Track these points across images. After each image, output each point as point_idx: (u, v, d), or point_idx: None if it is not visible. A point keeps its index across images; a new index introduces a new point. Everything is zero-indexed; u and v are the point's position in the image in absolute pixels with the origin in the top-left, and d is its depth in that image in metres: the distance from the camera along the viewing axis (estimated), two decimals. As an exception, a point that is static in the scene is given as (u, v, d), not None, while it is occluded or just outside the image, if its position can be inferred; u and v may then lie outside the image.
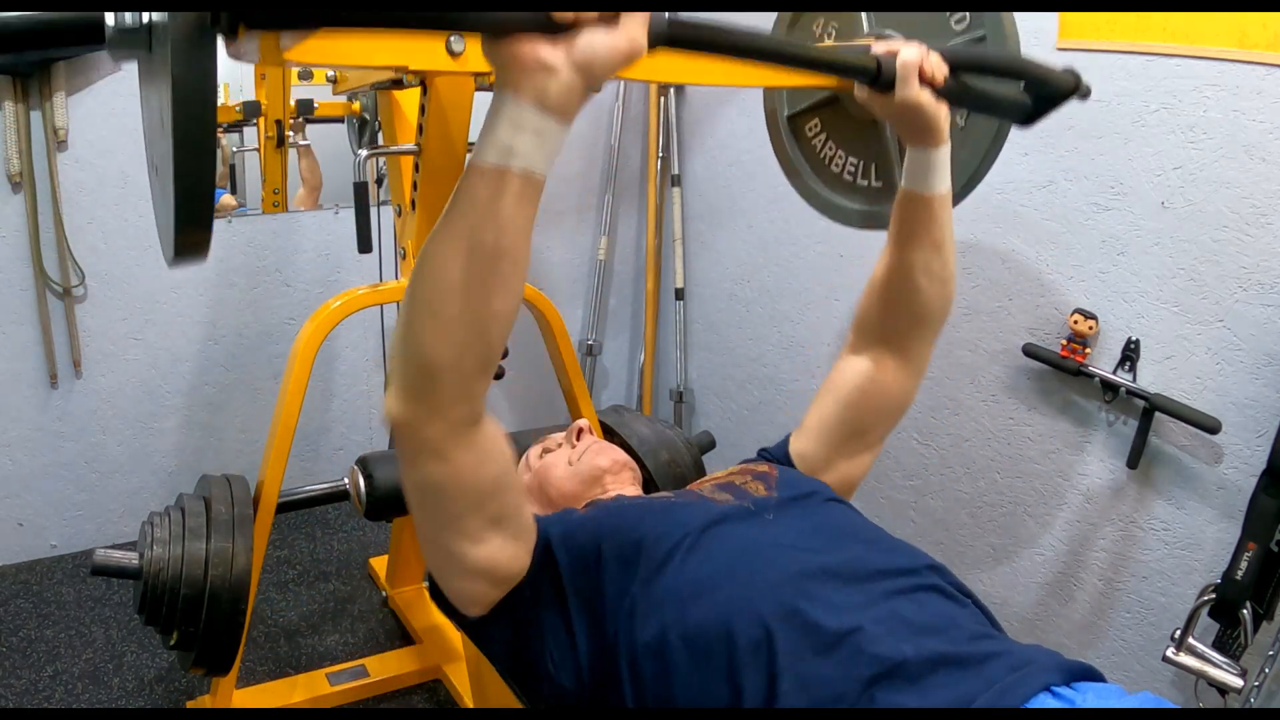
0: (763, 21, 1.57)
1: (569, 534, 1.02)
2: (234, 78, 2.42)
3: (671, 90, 2.79)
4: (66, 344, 2.36)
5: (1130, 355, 1.73)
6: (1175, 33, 1.60)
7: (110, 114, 2.23)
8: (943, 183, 1.11)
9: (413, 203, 1.65)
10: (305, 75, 1.80)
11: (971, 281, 1.98)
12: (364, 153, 1.68)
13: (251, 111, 2.26)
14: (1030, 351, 1.87)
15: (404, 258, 1.76)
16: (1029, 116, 1.16)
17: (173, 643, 1.51)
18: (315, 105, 2.21)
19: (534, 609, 0.99)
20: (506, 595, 0.97)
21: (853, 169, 1.46)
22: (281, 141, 2.14)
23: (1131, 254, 1.73)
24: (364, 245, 1.71)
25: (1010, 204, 1.89)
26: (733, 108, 2.61)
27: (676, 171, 2.84)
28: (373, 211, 1.73)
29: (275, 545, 2.57)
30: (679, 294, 2.90)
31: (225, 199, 2.50)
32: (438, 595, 1.01)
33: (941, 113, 1.06)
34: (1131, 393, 1.73)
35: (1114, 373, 1.75)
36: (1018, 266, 1.92)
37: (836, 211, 1.50)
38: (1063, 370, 1.82)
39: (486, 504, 0.91)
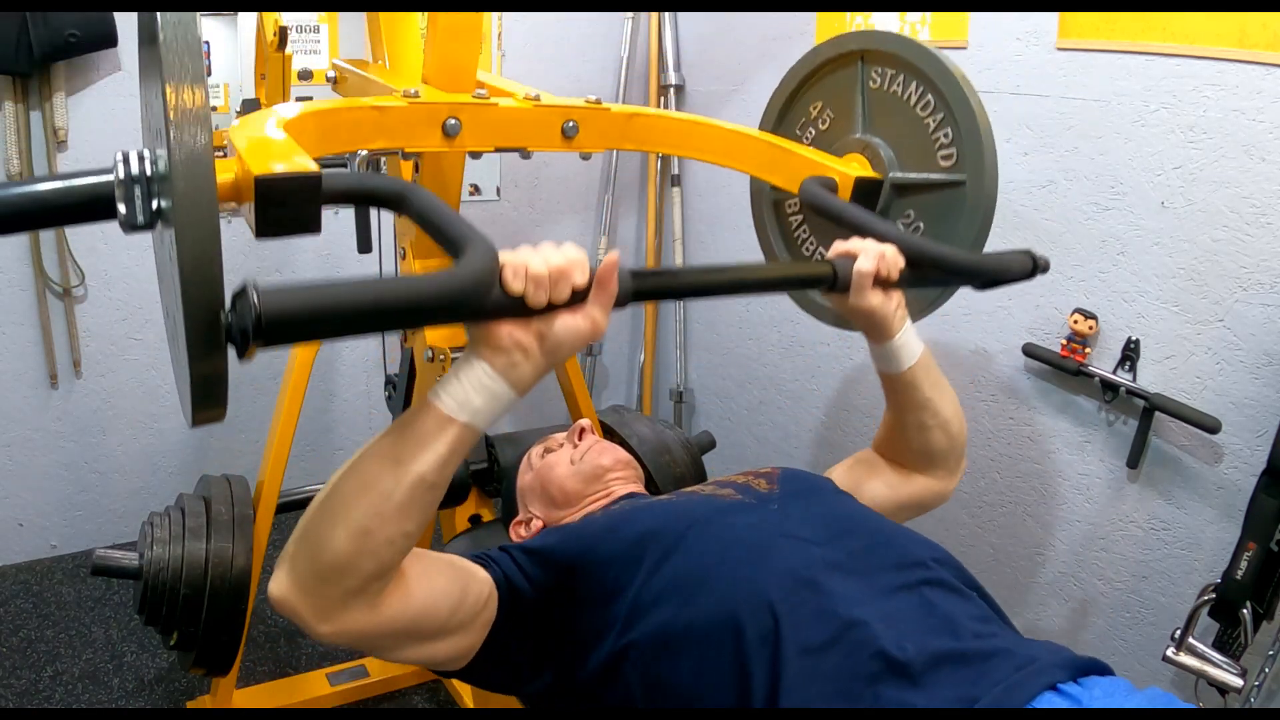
0: (759, 94, 1.56)
1: (546, 554, 1.02)
2: (233, 76, 2.42)
3: (671, 90, 2.78)
4: (66, 344, 2.36)
5: (1130, 355, 1.73)
6: (1175, 33, 1.60)
7: (110, 114, 2.23)
8: (909, 358, 1.13)
9: (413, 203, 1.64)
10: (305, 75, 1.80)
11: (971, 281, 1.97)
12: (364, 153, 1.68)
13: (250, 111, 2.26)
14: (1030, 351, 1.87)
15: (404, 258, 1.75)
16: (985, 285, 1.20)
17: (173, 643, 1.51)
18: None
19: (520, 641, 0.99)
20: (484, 642, 0.97)
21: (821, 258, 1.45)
22: (281, 141, 2.13)
23: (1131, 254, 1.73)
24: (364, 245, 1.70)
25: (1010, 204, 1.89)
26: (733, 108, 2.61)
27: (676, 172, 2.85)
28: (373, 212, 1.73)
29: (275, 545, 2.55)
30: (679, 294, 2.90)
31: (225, 199, 2.50)
32: None
33: (891, 309, 1.09)
34: (1131, 392, 1.73)
35: (1114, 372, 1.75)
36: (1018, 266, 1.91)
37: (810, 305, 1.49)
38: (1063, 370, 1.82)
39: (418, 629, 0.90)
